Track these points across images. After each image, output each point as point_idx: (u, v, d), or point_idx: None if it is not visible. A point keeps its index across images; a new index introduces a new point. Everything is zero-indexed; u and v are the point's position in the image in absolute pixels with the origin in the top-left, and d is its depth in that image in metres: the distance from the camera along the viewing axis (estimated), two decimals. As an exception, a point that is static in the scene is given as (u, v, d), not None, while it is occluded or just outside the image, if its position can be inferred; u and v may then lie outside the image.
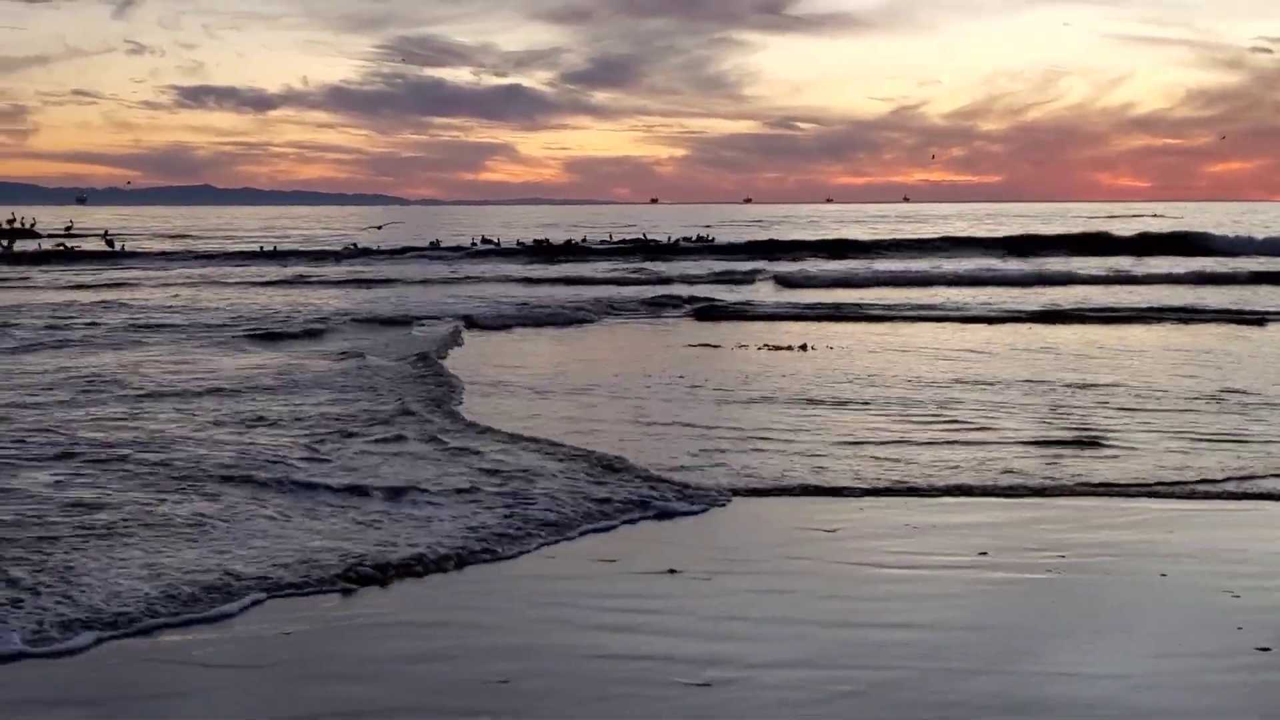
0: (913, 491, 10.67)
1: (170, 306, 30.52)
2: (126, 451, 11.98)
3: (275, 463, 11.49)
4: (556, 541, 9.21)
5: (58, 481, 10.66)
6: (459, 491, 10.28)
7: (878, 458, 11.94)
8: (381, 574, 8.29)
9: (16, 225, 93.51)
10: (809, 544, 9.23)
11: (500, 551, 8.86)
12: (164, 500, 10.06)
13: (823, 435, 13.16)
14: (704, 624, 7.51)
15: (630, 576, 8.46)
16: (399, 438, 12.64)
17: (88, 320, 26.05)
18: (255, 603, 7.75)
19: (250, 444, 12.44)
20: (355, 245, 63.36)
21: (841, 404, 15.30)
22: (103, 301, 31.80)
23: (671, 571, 8.51)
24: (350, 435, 12.86)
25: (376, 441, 12.49)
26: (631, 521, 9.78)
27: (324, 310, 29.16)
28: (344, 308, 30.06)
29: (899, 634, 7.33)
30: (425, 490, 10.33)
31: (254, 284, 39.89)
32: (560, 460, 11.59)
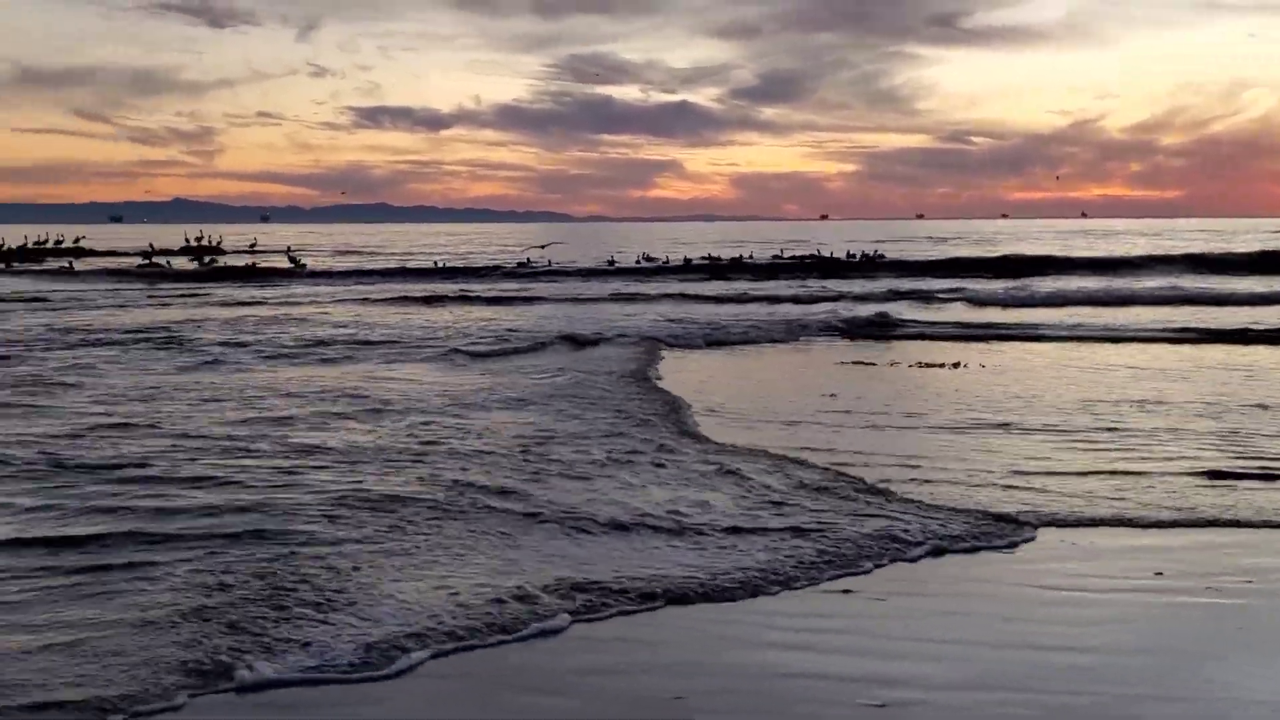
0: (1085, 522, 10.45)
1: (370, 323, 31.57)
2: (413, 468, 12.28)
3: (570, 478, 11.87)
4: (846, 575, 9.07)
5: (342, 499, 10.80)
6: (738, 531, 10.05)
7: (1047, 489, 11.62)
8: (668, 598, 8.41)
9: (205, 243, 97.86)
10: (983, 566, 9.24)
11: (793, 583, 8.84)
12: (452, 517, 10.22)
13: (1000, 460, 13.03)
14: (880, 644, 7.59)
15: (804, 596, 8.56)
16: (658, 464, 12.59)
17: (303, 335, 27.61)
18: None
19: (524, 459, 12.77)
20: (529, 261, 64.37)
21: (1029, 430, 14.93)
22: (302, 317, 33.38)
23: (846, 592, 8.61)
24: (618, 459, 12.80)
25: (651, 465, 12.55)
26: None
27: (515, 327, 29.76)
28: (528, 325, 30.48)
29: (1075, 658, 7.29)
30: (707, 512, 10.50)
31: (437, 300, 40.92)
32: (823, 484, 11.66)
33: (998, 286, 44.69)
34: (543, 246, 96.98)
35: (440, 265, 62.05)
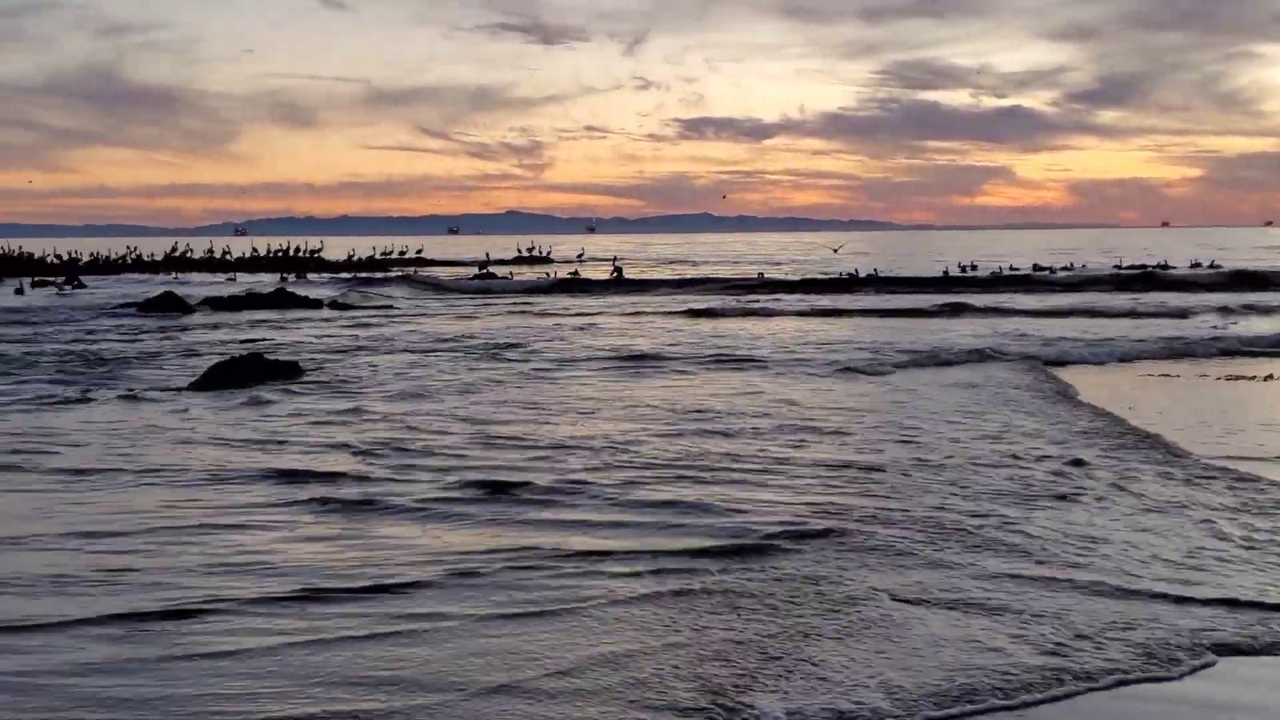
0: None
1: (722, 334, 31.12)
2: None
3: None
4: None
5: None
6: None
7: None
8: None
9: (535, 253, 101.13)
10: None
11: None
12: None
13: None
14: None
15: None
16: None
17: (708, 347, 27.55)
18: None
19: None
20: (856, 272, 62.16)
21: None
22: (662, 329, 33.58)
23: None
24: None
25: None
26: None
27: (869, 341, 28.37)
28: (879, 339, 29.05)
29: None
30: None
31: (769, 313, 40.18)
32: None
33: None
34: (835, 250, 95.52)
35: (762, 277, 61.40)
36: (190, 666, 7.25)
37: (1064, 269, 62.71)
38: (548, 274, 65.73)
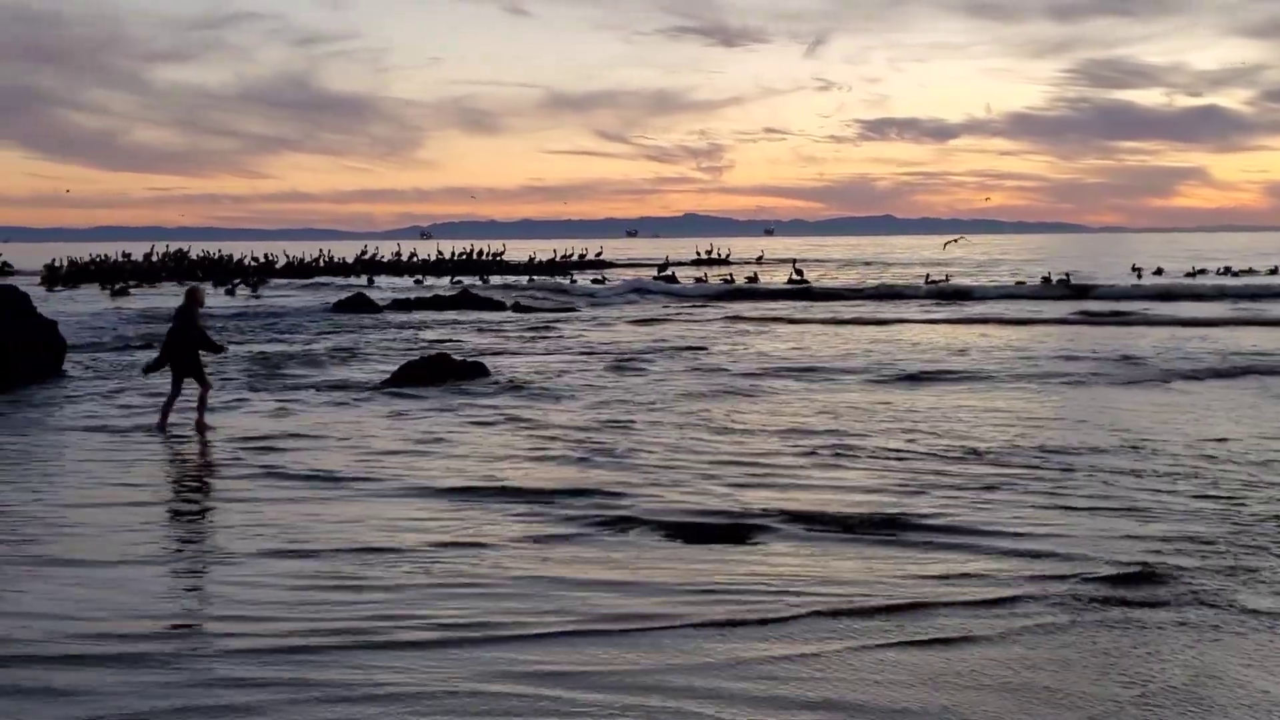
0: None
1: (969, 344, 29.23)
2: None
3: None
4: None
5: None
6: None
7: None
8: None
9: (714, 255, 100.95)
10: None
11: None
12: None
13: None
14: None
15: None
16: None
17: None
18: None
19: None
20: (1067, 277, 59.07)
21: None
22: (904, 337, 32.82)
23: None
24: None
25: None
26: None
27: (1080, 349, 26.82)
28: (1096, 348, 27.45)
29: None
30: None
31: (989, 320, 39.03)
32: None
33: None
34: (945, 245, 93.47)
35: (948, 280, 59.84)
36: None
37: None
38: (727, 277, 65.49)
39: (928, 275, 61.04)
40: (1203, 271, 64.74)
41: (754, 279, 63.02)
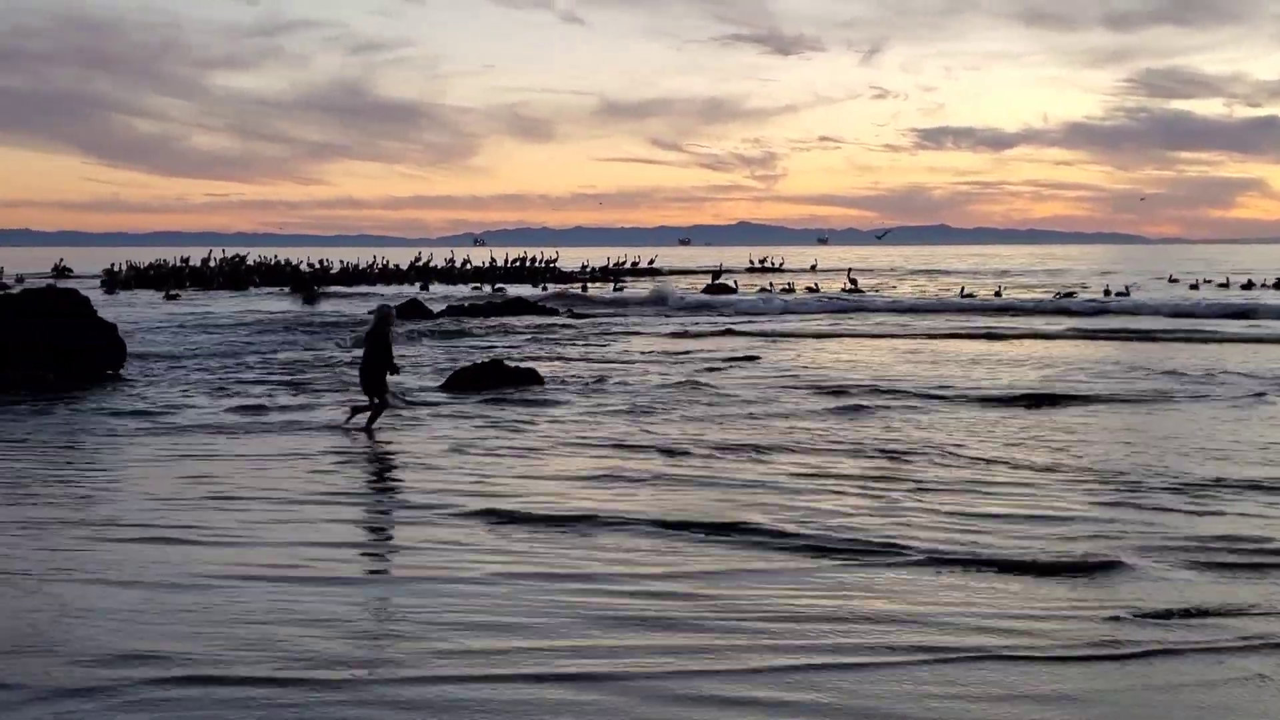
0: None
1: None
2: None
3: None
4: None
5: None
6: None
7: None
8: None
9: (768, 264, 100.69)
10: None
11: None
12: None
13: None
14: None
15: None
16: None
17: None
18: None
19: None
20: (1126, 290, 58.05)
21: None
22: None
23: None
24: None
25: None
26: None
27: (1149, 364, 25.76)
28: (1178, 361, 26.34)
29: None
30: None
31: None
32: None
33: None
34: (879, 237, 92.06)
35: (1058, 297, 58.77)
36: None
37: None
38: (787, 285, 65.29)
39: (999, 290, 60.43)
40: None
41: (815, 289, 62.59)
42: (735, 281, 68.50)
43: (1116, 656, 7.37)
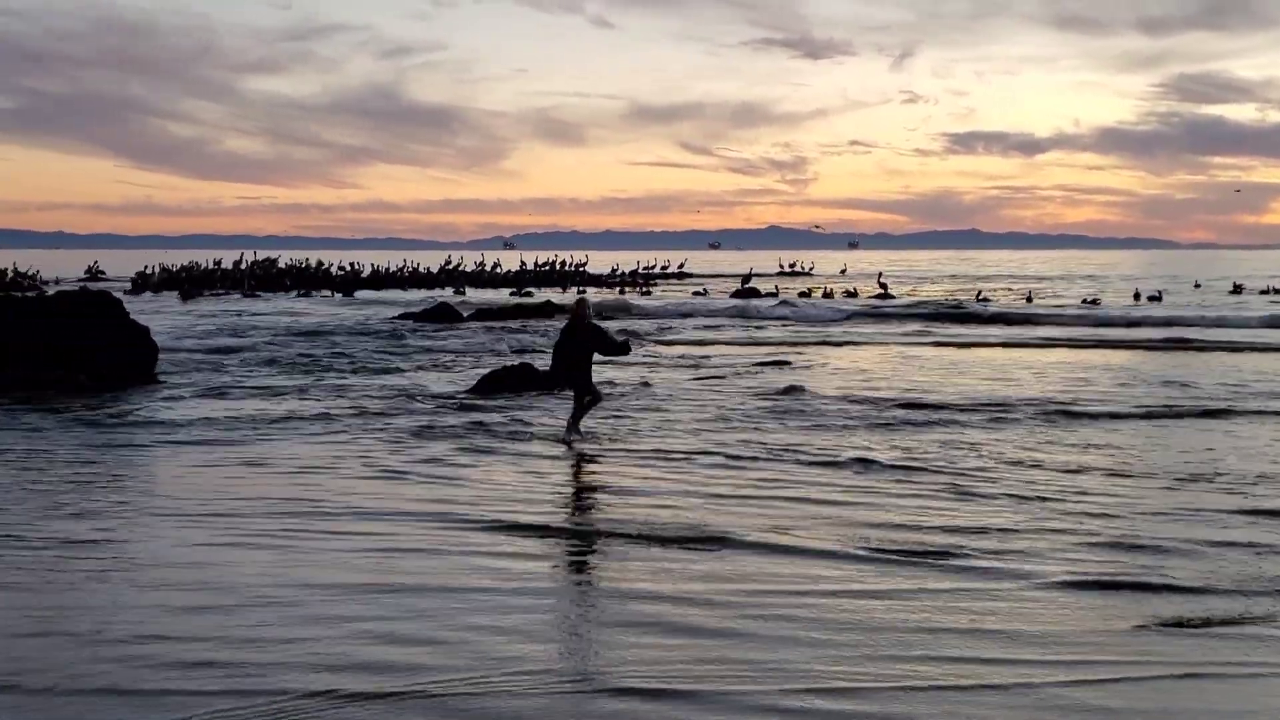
0: None
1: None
2: None
3: None
4: None
5: None
6: None
7: None
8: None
9: (797, 269, 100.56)
10: None
11: None
12: None
13: None
14: None
15: None
16: None
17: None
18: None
19: None
20: (1159, 295, 57.20)
21: None
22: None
23: None
24: None
25: None
26: None
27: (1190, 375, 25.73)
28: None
29: None
30: None
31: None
32: None
33: None
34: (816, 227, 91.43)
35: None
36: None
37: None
38: (826, 289, 65.09)
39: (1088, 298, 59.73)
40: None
41: (853, 293, 62.35)
42: (777, 287, 67.82)
43: None
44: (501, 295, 62.27)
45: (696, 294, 65.21)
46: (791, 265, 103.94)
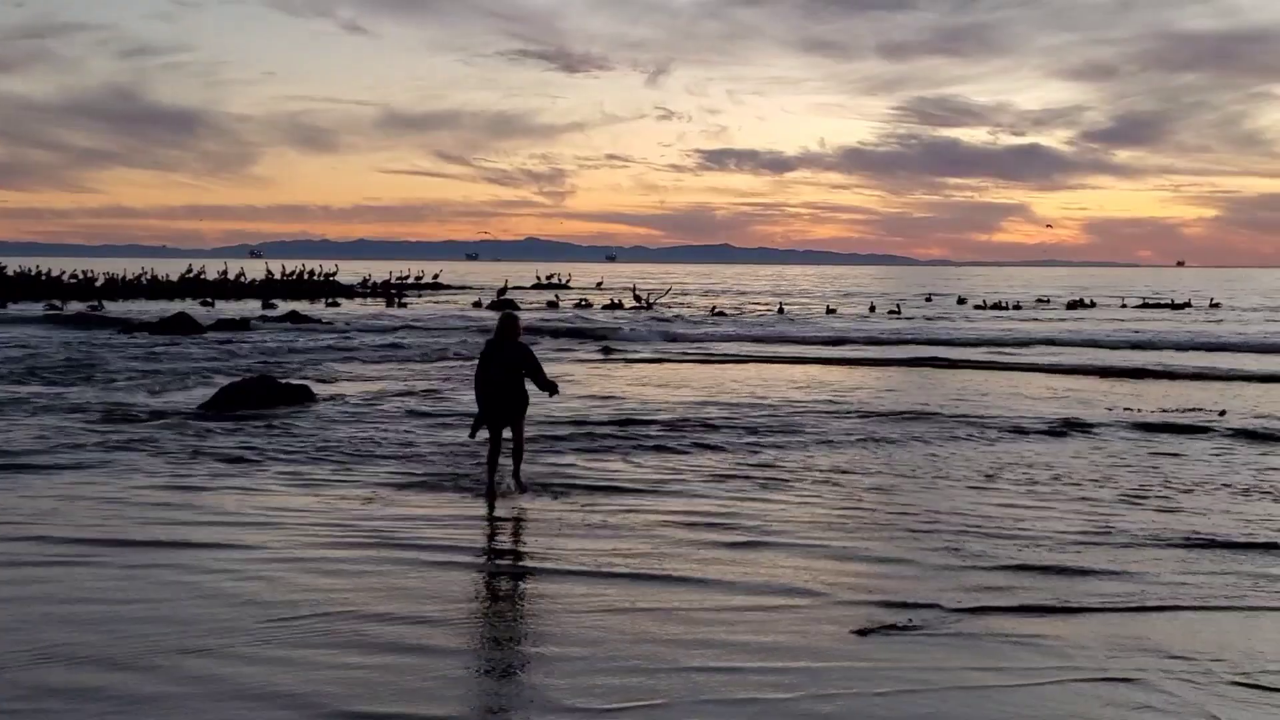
0: None
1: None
2: None
3: None
4: None
5: None
6: None
7: None
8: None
9: (554, 280, 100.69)
10: None
11: None
12: None
13: None
14: None
15: None
16: None
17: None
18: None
19: None
20: (897, 308, 60.67)
21: None
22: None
23: None
24: None
25: None
26: None
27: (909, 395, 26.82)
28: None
29: None
30: None
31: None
32: None
33: None
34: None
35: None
36: None
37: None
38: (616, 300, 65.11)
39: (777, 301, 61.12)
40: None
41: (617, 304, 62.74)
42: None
43: None
44: (249, 306, 60.03)
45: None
46: (549, 277, 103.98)
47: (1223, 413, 20.25)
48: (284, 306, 56.67)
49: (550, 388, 13.21)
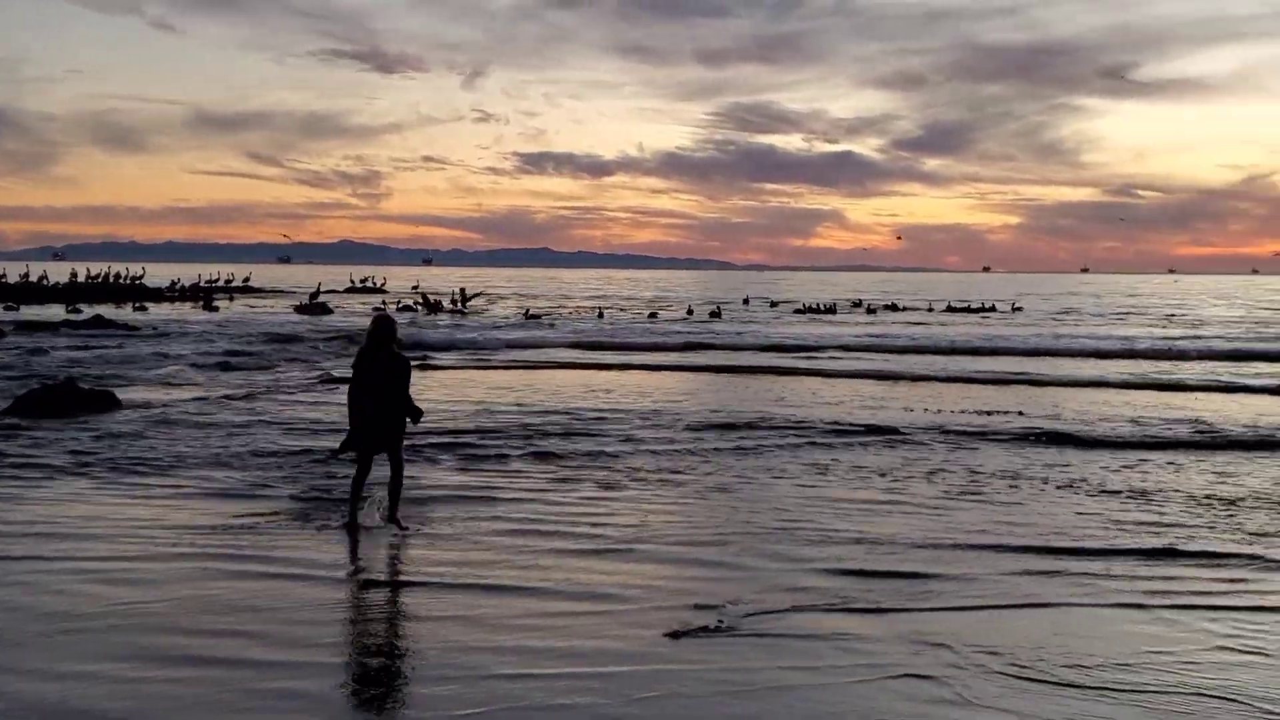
0: None
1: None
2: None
3: None
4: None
5: None
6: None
7: None
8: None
9: (369, 284, 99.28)
10: None
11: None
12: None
13: None
14: None
15: None
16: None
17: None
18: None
19: None
20: (718, 309, 61.93)
21: None
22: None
23: None
24: None
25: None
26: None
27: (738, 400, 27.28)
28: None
29: None
30: None
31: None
32: None
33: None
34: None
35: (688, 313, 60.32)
36: None
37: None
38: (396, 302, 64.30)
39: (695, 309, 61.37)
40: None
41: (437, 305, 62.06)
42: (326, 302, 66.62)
43: None
44: (52, 310, 57.67)
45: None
46: (364, 280, 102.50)
47: (1020, 413, 21.23)
48: (89, 310, 54.57)
49: (416, 413, 11.20)
